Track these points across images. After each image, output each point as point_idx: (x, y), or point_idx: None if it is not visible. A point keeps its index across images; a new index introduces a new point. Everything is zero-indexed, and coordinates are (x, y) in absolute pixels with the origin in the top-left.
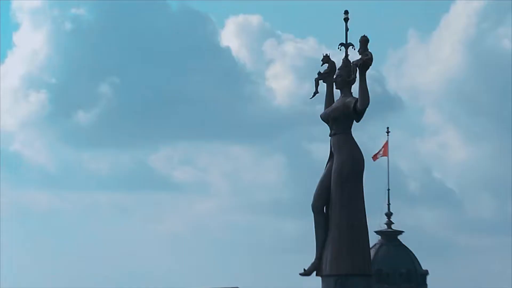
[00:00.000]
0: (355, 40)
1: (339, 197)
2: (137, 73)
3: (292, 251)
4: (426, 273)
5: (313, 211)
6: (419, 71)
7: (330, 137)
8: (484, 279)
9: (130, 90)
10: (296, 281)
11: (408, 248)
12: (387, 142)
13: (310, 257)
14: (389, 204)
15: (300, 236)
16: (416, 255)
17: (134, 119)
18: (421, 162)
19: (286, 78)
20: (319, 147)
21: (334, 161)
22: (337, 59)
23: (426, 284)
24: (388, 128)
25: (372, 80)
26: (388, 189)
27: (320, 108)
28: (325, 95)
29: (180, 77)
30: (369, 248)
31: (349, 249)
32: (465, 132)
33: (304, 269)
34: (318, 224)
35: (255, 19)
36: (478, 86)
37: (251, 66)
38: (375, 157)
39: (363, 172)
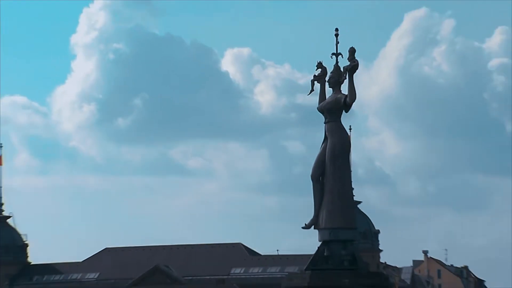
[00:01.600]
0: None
1: (331, 169)
2: (161, 90)
3: (274, 220)
4: (378, 232)
5: (312, 180)
6: (363, 89)
7: (324, 124)
8: (414, 238)
9: (156, 103)
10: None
11: (365, 214)
12: (349, 136)
13: (288, 225)
14: (351, 181)
15: (279, 208)
16: (370, 219)
17: (159, 123)
18: (366, 155)
19: (269, 94)
20: (293, 144)
21: (328, 142)
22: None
23: (378, 240)
24: (350, 126)
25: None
26: (351, 170)
27: (294, 116)
28: (319, 92)
29: (192, 93)
30: (354, 208)
31: (339, 209)
32: (397, 133)
33: (305, 224)
34: (315, 190)
35: (246, 51)
36: (407, 100)
37: (243, 85)
38: None
39: (349, 151)
